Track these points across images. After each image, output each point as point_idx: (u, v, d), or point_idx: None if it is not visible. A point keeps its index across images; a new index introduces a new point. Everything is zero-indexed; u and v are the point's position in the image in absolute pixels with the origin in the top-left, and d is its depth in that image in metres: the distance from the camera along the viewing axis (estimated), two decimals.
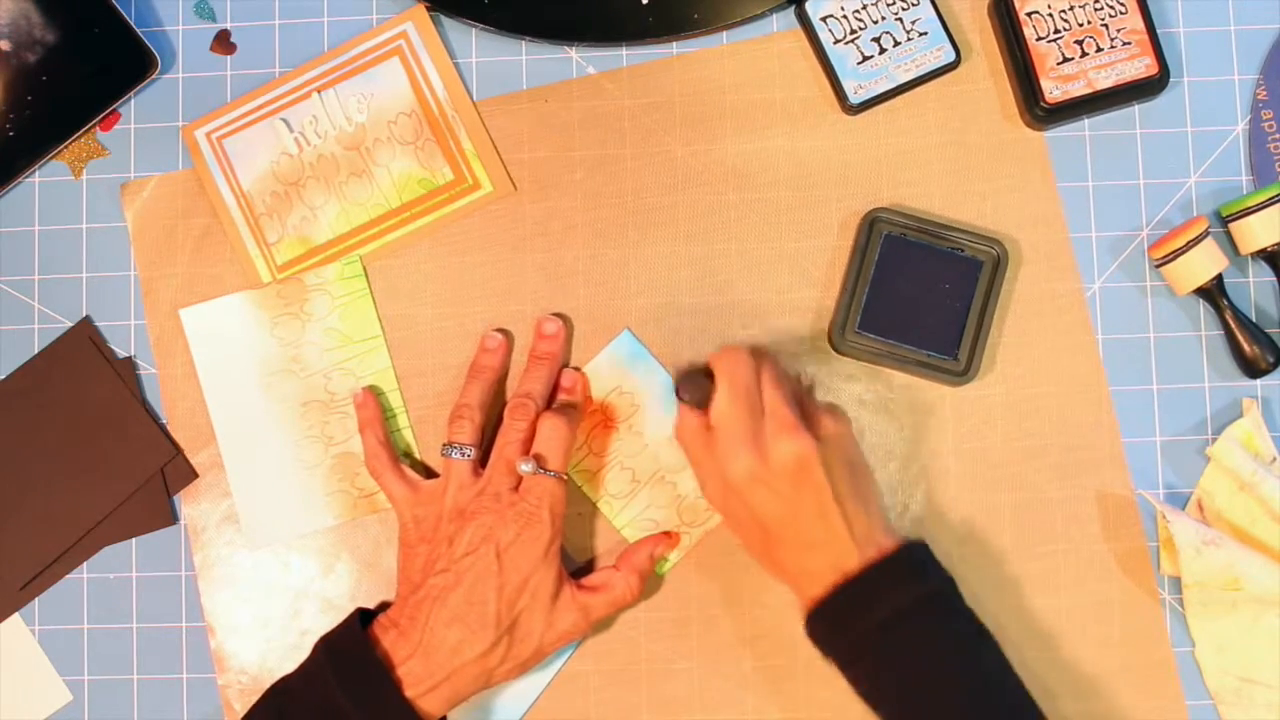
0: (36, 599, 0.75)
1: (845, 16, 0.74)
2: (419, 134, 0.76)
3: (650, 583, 0.73)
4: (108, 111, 0.76)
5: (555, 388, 0.73)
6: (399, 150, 0.76)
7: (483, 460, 0.71)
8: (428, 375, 0.75)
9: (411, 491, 0.71)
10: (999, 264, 0.73)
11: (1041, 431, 0.74)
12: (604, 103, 0.76)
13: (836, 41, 0.74)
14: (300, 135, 0.76)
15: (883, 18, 0.74)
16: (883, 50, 0.74)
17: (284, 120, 0.76)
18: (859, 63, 0.74)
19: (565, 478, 0.69)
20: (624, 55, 0.76)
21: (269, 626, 0.75)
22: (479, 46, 0.77)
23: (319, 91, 0.76)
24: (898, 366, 0.73)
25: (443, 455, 0.70)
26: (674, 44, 0.76)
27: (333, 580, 0.75)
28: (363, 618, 0.69)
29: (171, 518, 0.75)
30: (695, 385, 0.69)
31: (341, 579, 0.75)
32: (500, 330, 0.75)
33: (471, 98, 0.76)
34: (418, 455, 0.75)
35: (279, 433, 0.75)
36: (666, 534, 0.73)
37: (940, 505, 0.74)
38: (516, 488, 0.69)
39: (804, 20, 0.75)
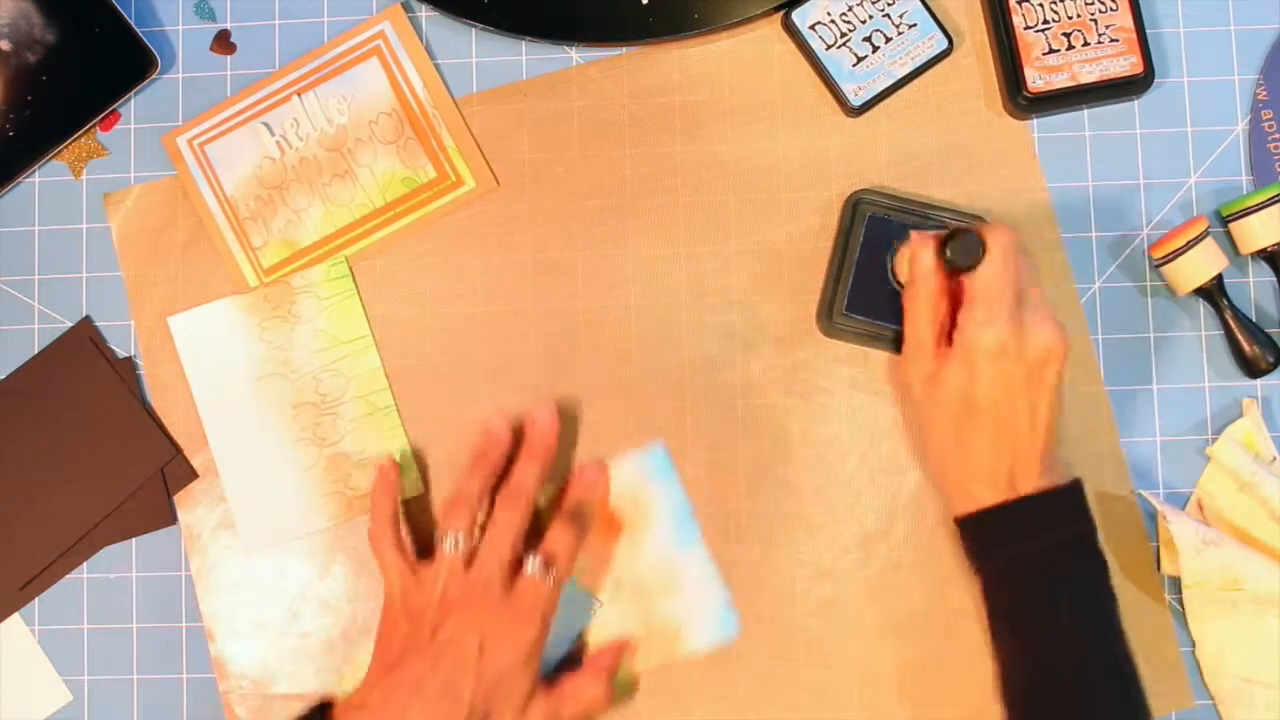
0: (36, 599, 0.75)
1: (833, 21, 0.74)
2: (400, 133, 0.76)
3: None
4: (108, 111, 0.76)
5: (570, 475, 0.73)
6: (381, 150, 0.76)
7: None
8: (418, 374, 0.75)
9: (409, 571, 0.69)
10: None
11: None
12: (597, 99, 0.76)
13: (829, 47, 0.74)
14: (282, 139, 0.76)
15: (870, 17, 0.74)
16: (875, 49, 0.74)
17: (265, 124, 0.76)
18: (854, 65, 0.74)
19: (563, 584, 0.69)
20: (624, 55, 0.76)
21: (268, 630, 0.75)
22: (478, 46, 0.77)
23: (299, 94, 0.76)
24: (887, 347, 0.73)
25: (437, 542, 0.69)
26: (674, 44, 0.76)
27: (330, 582, 0.75)
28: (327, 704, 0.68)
29: (171, 518, 0.75)
30: (968, 246, 0.65)
31: (338, 580, 0.75)
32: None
33: (451, 95, 0.76)
34: (412, 454, 0.75)
35: (271, 436, 0.75)
36: (628, 642, 0.72)
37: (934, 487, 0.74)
38: (507, 578, 0.68)
39: (792, 31, 0.75)
